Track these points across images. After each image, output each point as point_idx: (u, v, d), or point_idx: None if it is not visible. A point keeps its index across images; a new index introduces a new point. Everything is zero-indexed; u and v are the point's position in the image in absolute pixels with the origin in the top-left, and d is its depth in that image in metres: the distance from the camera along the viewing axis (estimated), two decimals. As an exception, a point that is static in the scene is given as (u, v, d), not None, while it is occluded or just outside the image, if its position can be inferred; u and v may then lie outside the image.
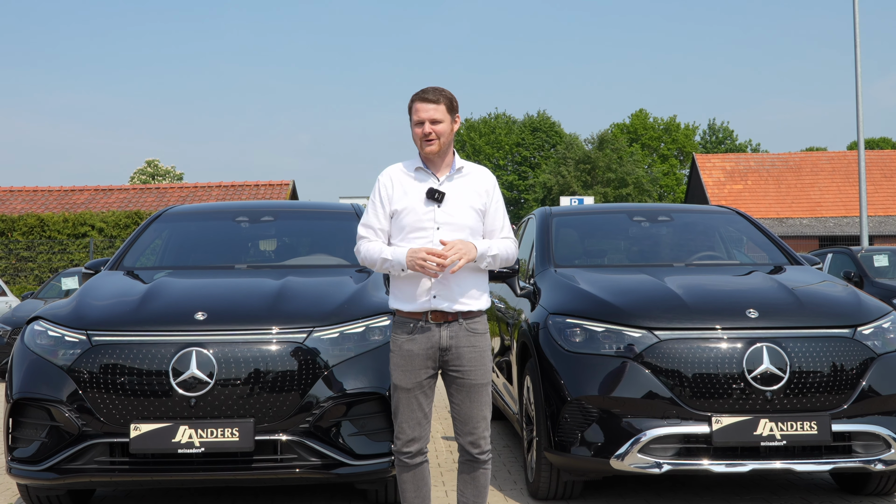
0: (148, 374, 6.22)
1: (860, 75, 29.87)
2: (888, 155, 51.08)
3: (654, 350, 6.53)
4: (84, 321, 6.59)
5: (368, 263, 5.53)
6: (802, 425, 6.30)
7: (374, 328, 6.67)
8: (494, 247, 5.47)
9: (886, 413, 6.56)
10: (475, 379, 5.46)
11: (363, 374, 6.48)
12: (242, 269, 8.06)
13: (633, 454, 6.38)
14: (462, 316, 5.44)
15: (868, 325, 6.79)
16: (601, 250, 9.39)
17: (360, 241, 5.59)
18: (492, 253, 5.44)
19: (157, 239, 8.83)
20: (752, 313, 6.65)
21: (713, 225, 9.42)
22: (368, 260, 5.51)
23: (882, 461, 6.44)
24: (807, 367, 6.42)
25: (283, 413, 6.26)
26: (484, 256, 5.41)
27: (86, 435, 6.24)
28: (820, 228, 44.98)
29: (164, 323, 6.48)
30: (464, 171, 5.58)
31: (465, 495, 5.62)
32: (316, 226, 9.41)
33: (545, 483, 7.08)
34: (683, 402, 6.38)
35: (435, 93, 5.46)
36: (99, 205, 36.96)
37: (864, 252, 19.18)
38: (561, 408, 6.69)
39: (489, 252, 5.42)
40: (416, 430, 5.50)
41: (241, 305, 6.77)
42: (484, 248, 5.40)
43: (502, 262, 5.54)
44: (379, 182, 5.62)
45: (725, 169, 49.92)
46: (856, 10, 29.86)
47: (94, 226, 31.93)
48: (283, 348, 6.38)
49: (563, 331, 6.92)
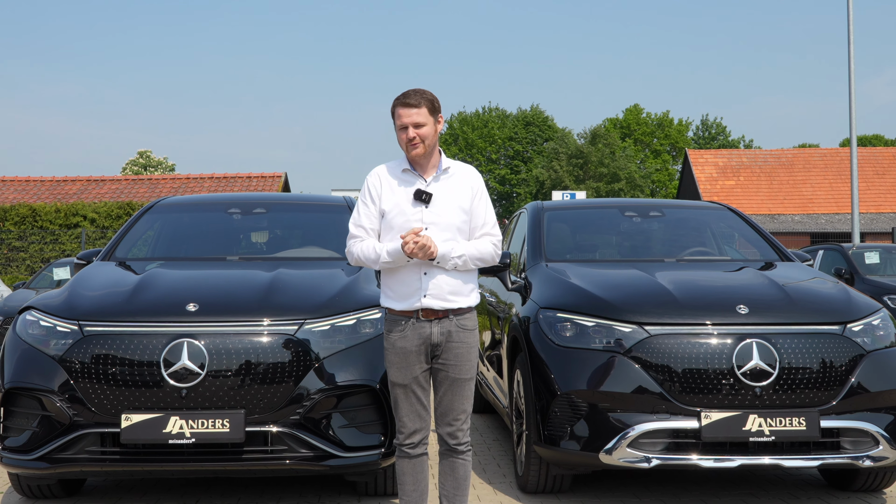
0: (139, 364, 6.23)
1: (853, 72, 29.91)
2: (880, 152, 51.10)
3: (645, 345, 6.54)
4: (76, 311, 6.60)
5: (364, 261, 5.54)
6: (791, 421, 6.33)
7: (366, 321, 6.69)
8: (460, 248, 5.47)
9: (875, 409, 6.58)
10: (461, 374, 5.52)
11: (354, 367, 6.50)
12: (234, 260, 8.08)
13: (622, 448, 6.40)
14: (452, 313, 5.48)
15: (858, 322, 6.81)
16: (592, 245, 9.39)
17: (351, 242, 5.62)
18: (456, 254, 5.44)
19: (149, 230, 8.84)
20: (743, 309, 6.67)
21: (705, 221, 9.43)
22: (364, 258, 5.53)
23: (870, 457, 6.46)
24: (796, 364, 6.43)
25: (273, 405, 6.28)
26: (447, 258, 5.41)
27: (77, 425, 6.26)
28: (811, 225, 45.03)
29: (155, 314, 6.49)
30: (450, 172, 5.62)
31: (445, 487, 5.68)
32: (308, 218, 9.43)
33: (534, 476, 7.10)
34: (673, 398, 6.39)
35: (416, 96, 5.49)
36: (91, 195, 36.89)
37: (856, 249, 19.22)
38: (551, 402, 6.71)
39: (452, 253, 5.43)
40: (416, 423, 5.57)
41: (233, 297, 6.79)
42: (446, 250, 5.40)
43: (477, 263, 5.55)
44: (367, 182, 5.65)
45: (718, 165, 49.96)
46: (850, 6, 29.89)
47: (86, 216, 31.87)
48: (274, 340, 6.39)
49: (553, 325, 6.94)
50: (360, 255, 5.54)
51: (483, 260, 5.57)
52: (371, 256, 5.48)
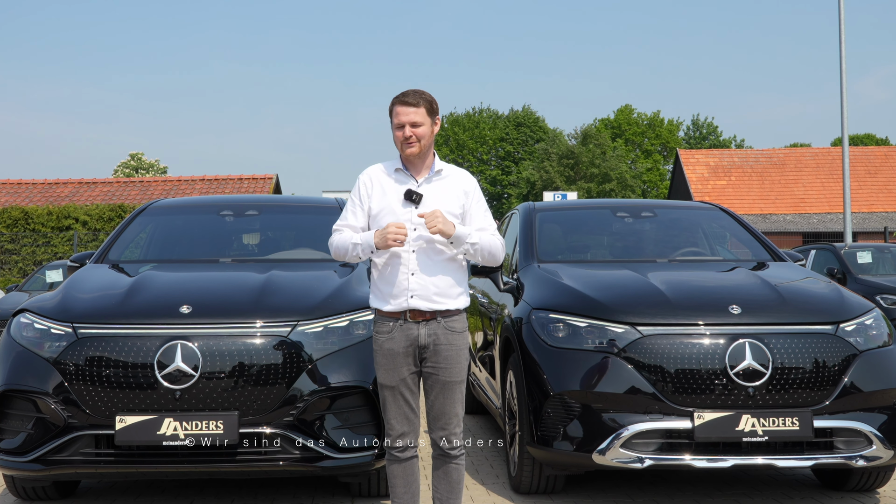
0: (133, 366, 6.25)
1: (845, 72, 29.92)
2: (872, 151, 51.20)
3: (637, 345, 6.55)
4: (70, 314, 6.61)
5: (340, 252, 5.58)
6: (784, 421, 6.33)
7: (358, 322, 6.70)
8: (476, 235, 5.47)
9: (868, 409, 6.59)
10: (451, 377, 5.52)
11: (347, 368, 6.51)
12: (227, 262, 8.09)
13: (616, 449, 6.41)
14: (440, 315, 5.49)
15: (850, 321, 6.82)
16: (584, 246, 9.39)
17: (333, 235, 5.66)
18: (472, 240, 5.44)
19: (142, 232, 8.84)
20: (735, 309, 6.68)
21: (696, 221, 9.42)
22: (339, 248, 5.58)
23: (863, 457, 6.47)
24: (789, 364, 6.44)
25: (267, 406, 6.29)
26: (462, 239, 5.41)
27: (71, 427, 6.27)
28: (803, 225, 45.07)
29: (149, 316, 6.50)
30: (443, 174, 5.63)
31: (439, 491, 5.69)
32: (300, 220, 9.43)
33: (527, 477, 7.11)
34: (666, 398, 6.40)
35: (415, 96, 5.51)
36: (83, 198, 36.84)
37: (848, 249, 19.26)
38: (543, 402, 6.72)
39: (469, 238, 5.43)
40: (404, 425, 5.57)
41: (226, 299, 6.81)
42: (464, 232, 5.41)
43: (486, 256, 5.54)
44: (359, 181, 5.68)
45: (709, 165, 49.99)
46: (841, 6, 29.91)
47: (77, 219, 31.84)
48: (267, 342, 6.41)
49: (546, 326, 6.94)
50: (336, 245, 5.60)
51: (493, 254, 5.56)
52: (344, 246, 5.53)
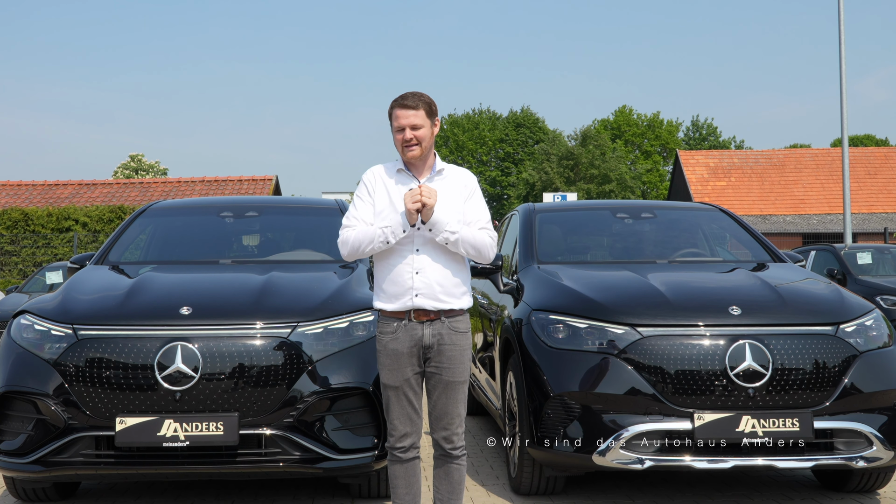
0: (133, 368, 6.25)
1: (844, 72, 29.93)
2: (872, 152, 51.17)
3: (637, 346, 6.55)
4: (70, 315, 6.62)
5: (364, 243, 5.45)
6: (784, 422, 6.33)
7: (358, 323, 6.70)
8: (457, 225, 5.43)
9: (868, 410, 6.59)
10: (454, 377, 5.52)
11: (347, 369, 6.52)
12: (227, 264, 8.08)
13: (616, 450, 6.41)
14: (444, 314, 5.49)
15: (850, 322, 6.82)
16: (584, 247, 9.38)
17: (344, 231, 5.56)
18: (451, 228, 5.39)
19: (142, 234, 8.85)
20: (735, 310, 6.68)
21: (696, 222, 9.42)
22: (361, 240, 5.46)
23: (864, 458, 6.47)
24: (789, 365, 6.44)
25: (267, 407, 6.29)
26: (440, 226, 5.38)
27: (72, 428, 6.28)
28: (803, 226, 45.05)
29: (149, 317, 6.51)
30: (444, 174, 5.63)
31: (440, 492, 5.69)
32: (300, 221, 9.43)
33: (527, 478, 7.11)
34: (666, 399, 6.40)
35: (414, 98, 5.51)
36: (83, 199, 36.83)
37: (848, 249, 19.27)
38: (543, 403, 6.72)
39: (447, 226, 5.39)
40: (407, 426, 5.57)
41: (226, 300, 6.81)
42: (443, 219, 5.38)
43: (469, 250, 5.48)
44: (364, 180, 5.67)
45: (709, 166, 49.97)
46: (840, 7, 29.92)
47: (77, 220, 31.82)
48: (267, 343, 6.41)
49: (546, 327, 6.94)
50: (355, 240, 5.48)
51: (477, 248, 5.49)
52: (370, 236, 5.43)
